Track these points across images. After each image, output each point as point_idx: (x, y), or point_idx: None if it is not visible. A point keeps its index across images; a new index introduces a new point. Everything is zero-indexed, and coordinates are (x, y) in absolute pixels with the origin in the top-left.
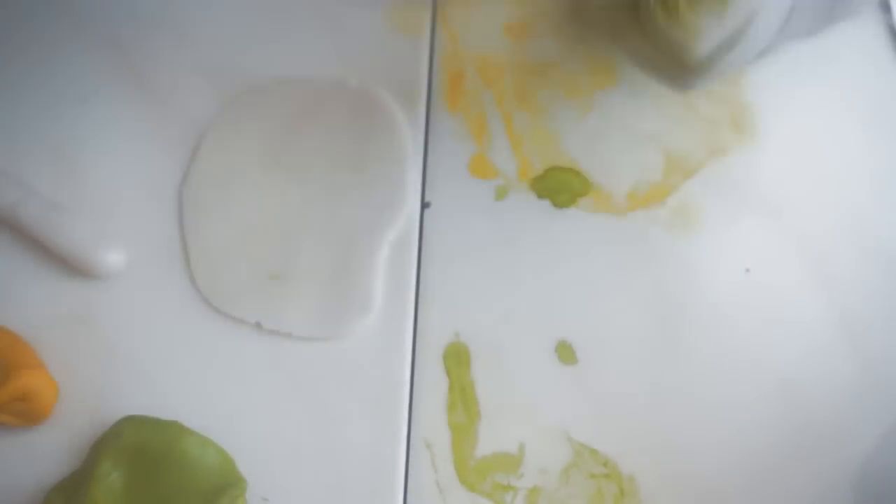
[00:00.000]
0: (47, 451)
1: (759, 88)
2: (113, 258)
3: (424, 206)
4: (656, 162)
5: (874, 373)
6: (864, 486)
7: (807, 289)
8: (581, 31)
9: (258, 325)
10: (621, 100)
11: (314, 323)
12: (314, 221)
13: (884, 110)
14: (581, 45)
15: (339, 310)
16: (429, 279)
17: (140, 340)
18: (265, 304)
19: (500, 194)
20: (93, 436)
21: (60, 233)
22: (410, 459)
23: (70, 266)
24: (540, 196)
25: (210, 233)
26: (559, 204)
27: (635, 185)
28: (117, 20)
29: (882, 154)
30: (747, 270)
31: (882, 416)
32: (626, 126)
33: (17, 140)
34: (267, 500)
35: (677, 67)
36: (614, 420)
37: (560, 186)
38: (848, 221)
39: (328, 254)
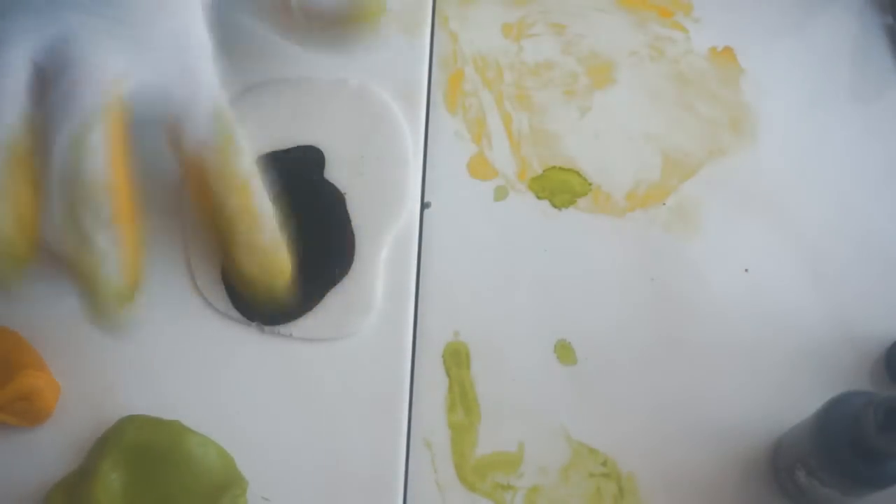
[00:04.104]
0: (49, 450)
1: (758, 90)
2: None
3: (424, 206)
4: (655, 162)
5: (873, 373)
6: None
7: (806, 289)
8: (580, 31)
9: (258, 326)
10: (621, 100)
11: (314, 323)
12: None
13: (881, 111)
14: (580, 45)
15: (339, 310)
16: (429, 279)
17: (141, 340)
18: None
19: (500, 195)
20: (94, 435)
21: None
22: (410, 459)
23: None
24: (539, 196)
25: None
26: (558, 204)
27: (634, 186)
28: None
29: (880, 154)
30: (746, 270)
31: None
32: (625, 126)
33: None
34: (268, 500)
35: None
36: (613, 419)
37: (559, 187)
38: (847, 222)
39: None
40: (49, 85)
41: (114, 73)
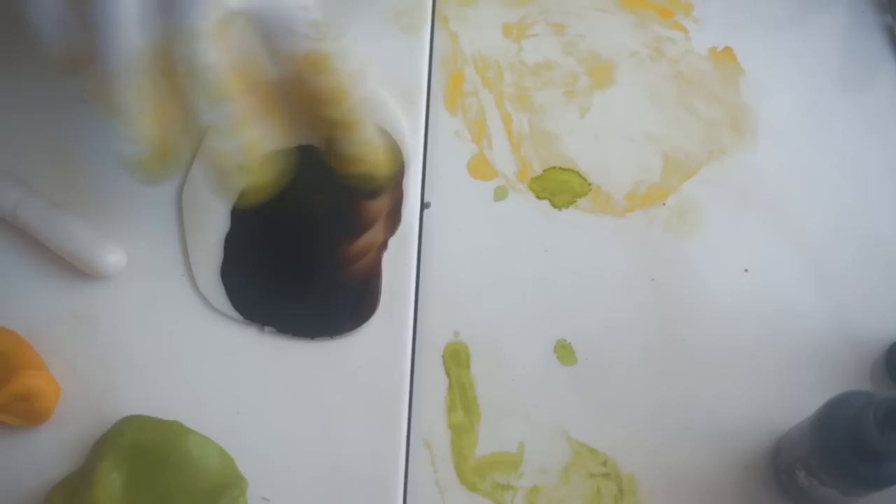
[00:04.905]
0: (49, 450)
1: (758, 90)
2: (113, 258)
3: (424, 206)
4: (655, 162)
5: (873, 373)
6: None
7: (806, 289)
8: (580, 31)
9: (258, 326)
10: (621, 100)
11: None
12: None
13: (881, 111)
14: (580, 45)
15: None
16: (429, 279)
17: (141, 341)
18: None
19: (500, 195)
20: (94, 435)
21: (61, 233)
22: (410, 459)
23: (71, 267)
24: (539, 197)
25: (210, 233)
26: (558, 204)
27: (634, 186)
28: None
29: (880, 154)
30: (746, 271)
31: None
32: (625, 126)
33: (18, 139)
34: (267, 500)
35: None
36: (613, 419)
37: (559, 187)
38: (846, 222)
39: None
40: None
41: None
